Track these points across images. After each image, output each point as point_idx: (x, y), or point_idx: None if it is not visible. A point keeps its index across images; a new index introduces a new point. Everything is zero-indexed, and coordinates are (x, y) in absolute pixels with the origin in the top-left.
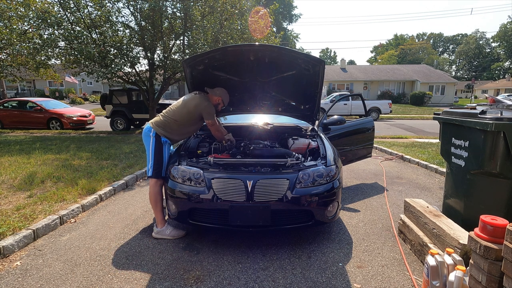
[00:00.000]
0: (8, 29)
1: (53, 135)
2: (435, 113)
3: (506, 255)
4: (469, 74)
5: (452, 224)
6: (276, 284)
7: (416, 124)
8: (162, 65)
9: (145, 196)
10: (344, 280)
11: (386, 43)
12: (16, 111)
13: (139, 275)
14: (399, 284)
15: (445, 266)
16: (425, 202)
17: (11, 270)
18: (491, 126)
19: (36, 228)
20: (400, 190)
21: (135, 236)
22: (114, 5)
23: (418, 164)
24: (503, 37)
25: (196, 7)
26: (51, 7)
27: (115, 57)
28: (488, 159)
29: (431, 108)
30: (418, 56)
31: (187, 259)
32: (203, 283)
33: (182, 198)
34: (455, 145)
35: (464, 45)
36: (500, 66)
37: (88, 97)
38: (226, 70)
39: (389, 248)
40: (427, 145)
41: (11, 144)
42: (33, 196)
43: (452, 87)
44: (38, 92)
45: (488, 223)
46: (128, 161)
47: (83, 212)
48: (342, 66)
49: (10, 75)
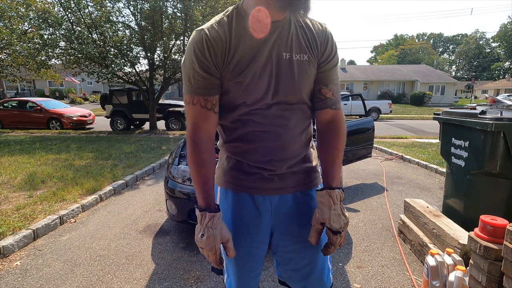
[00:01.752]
0: (9, 29)
1: (53, 135)
2: (435, 113)
3: (506, 255)
4: (469, 74)
5: (452, 224)
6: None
7: (416, 124)
8: (162, 65)
9: (145, 196)
10: (344, 280)
11: (386, 43)
12: (16, 111)
13: (139, 275)
14: (399, 284)
15: (445, 266)
16: (425, 202)
17: (11, 270)
18: (491, 126)
19: (36, 228)
20: (400, 190)
21: (135, 236)
22: (114, 5)
23: (418, 164)
24: (503, 37)
25: (196, 7)
26: (52, 7)
27: (115, 57)
28: (488, 159)
29: (431, 108)
30: (418, 56)
31: (187, 259)
32: (203, 283)
33: (182, 198)
34: (455, 145)
35: (464, 45)
36: (500, 66)
37: (88, 97)
38: None
39: (389, 248)
40: (427, 145)
41: (11, 144)
42: (33, 196)
43: (452, 87)
44: (38, 92)
45: (488, 223)
46: (128, 161)
47: (83, 212)
48: (342, 66)
49: (10, 75)
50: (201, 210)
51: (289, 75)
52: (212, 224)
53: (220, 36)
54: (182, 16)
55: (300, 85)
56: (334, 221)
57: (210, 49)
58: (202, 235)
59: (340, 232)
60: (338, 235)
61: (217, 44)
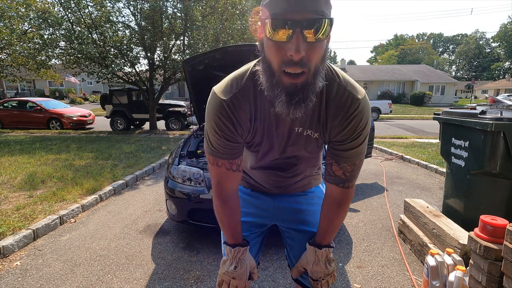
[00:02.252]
0: (9, 29)
1: (53, 135)
2: (435, 113)
3: (506, 255)
4: (469, 74)
5: (452, 224)
6: (276, 284)
7: (416, 124)
8: (162, 65)
9: (145, 196)
10: (344, 280)
11: (386, 43)
12: (16, 111)
13: (139, 275)
14: (399, 284)
15: (445, 266)
16: (425, 202)
17: (11, 270)
18: (491, 126)
19: (36, 228)
20: (400, 190)
21: (135, 236)
22: (114, 5)
23: (418, 164)
24: (503, 37)
25: (196, 7)
26: (52, 7)
27: (115, 57)
28: (488, 159)
29: (431, 108)
30: (418, 56)
31: (187, 259)
32: (203, 283)
33: (182, 198)
34: (455, 145)
35: (464, 45)
36: (500, 66)
37: (88, 97)
38: (226, 70)
39: (389, 248)
40: (427, 145)
41: (11, 144)
42: (33, 196)
43: (452, 87)
44: (38, 92)
45: (488, 223)
46: (128, 161)
47: (83, 212)
48: (342, 66)
49: (10, 75)
50: (233, 246)
51: (298, 143)
52: (244, 256)
53: (244, 110)
54: (182, 16)
55: (308, 149)
56: (314, 271)
57: (236, 123)
58: (235, 267)
59: (319, 280)
60: (318, 282)
61: (241, 118)
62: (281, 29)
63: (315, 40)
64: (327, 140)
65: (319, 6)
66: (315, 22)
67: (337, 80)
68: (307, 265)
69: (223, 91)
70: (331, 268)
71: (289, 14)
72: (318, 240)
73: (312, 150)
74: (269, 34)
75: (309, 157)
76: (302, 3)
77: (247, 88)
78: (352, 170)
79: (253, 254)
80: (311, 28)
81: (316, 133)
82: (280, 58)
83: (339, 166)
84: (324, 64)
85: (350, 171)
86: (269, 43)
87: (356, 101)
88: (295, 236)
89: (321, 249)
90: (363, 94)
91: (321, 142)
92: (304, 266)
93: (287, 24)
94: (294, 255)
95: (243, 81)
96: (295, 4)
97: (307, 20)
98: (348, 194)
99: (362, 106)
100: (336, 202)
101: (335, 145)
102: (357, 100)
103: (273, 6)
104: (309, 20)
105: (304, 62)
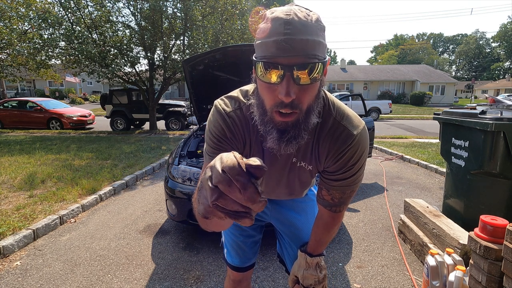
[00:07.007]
0: (9, 29)
1: (53, 135)
2: (435, 113)
3: (506, 255)
4: (469, 74)
5: (452, 224)
6: (276, 284)
7: (416, 124)
8: (162, 65)
9: (145, 196)
10: (344, 280)
11: (386, 43)
12: (16, 111)
13: (139, 275)
14: (399, 284)
15: (445, 266)
16: (425, 202)
17: (11, 270)
18: (491, 126)
19: (36, 228)
20: (400, 190)
21: (135, 236)
22: (114, 5)
23: (418, 164)
24: (503, 37)
25: (196, 7)
26: (52, 7)
27: (115, 57)
28: (488, 159)
29: (431, 108)
30: (418, 56)
31: (187, 259)
32: (203, 283)
33: (182, 198)
34: (455, 145)
35: (464, 45)
36: (500, 66)
37: (88, 97)
38: (226, 70)
39: (389, 248)
40: (427, 145)
41: (11, 144)
42: (33, 196)
43: (452, 87)
44: (38, 92)
45: (488, 223)
46: (128, 161)
47: (83, 212)
48: (342, 66)
49: (10, 75)
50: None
51: (291, 174)
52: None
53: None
54: (182, 16)
55: (302, 179)
56: (305, 278)
57: (232, 131)
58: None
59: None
60: None
61: (236, 132)
62: (272, 71)
63: (309, 81)
64: (320, 170)
65: (311, 49)
66: (306, 66)
67: (332, 114)
68: (298, 271)
69: (225, 104)
70: (321, 275)
71: (279, 59)
72: (310, 250)
73: (305, 180)
74: (261, 74)
75: (304, 183)
76: (292, 48)
77: (242, 117)
78: (341, 198)
79: (252, 254)
80: (303, 69)
81: (310, 166)
82: (272, 100)
83: (328, 192)
84: (318, 102)
85: (338, 198)
86: (261, 83)
87: (350, 137)
88: (288, 235)
89: (312, 257)
90: (359, 129)
91: (314, 172)
92: (296, 274)
93: (278, 68)
94: (285, 248)
95: (240, 111)
96: (285, 48)
97: (298, 65)
98: (336, 218)
99: (356, 141)
100: (324, 223)
101: (326, 174)
102: (351, 136)
103: (263, 48)
104: (300, 65)
105: (295, 104)
